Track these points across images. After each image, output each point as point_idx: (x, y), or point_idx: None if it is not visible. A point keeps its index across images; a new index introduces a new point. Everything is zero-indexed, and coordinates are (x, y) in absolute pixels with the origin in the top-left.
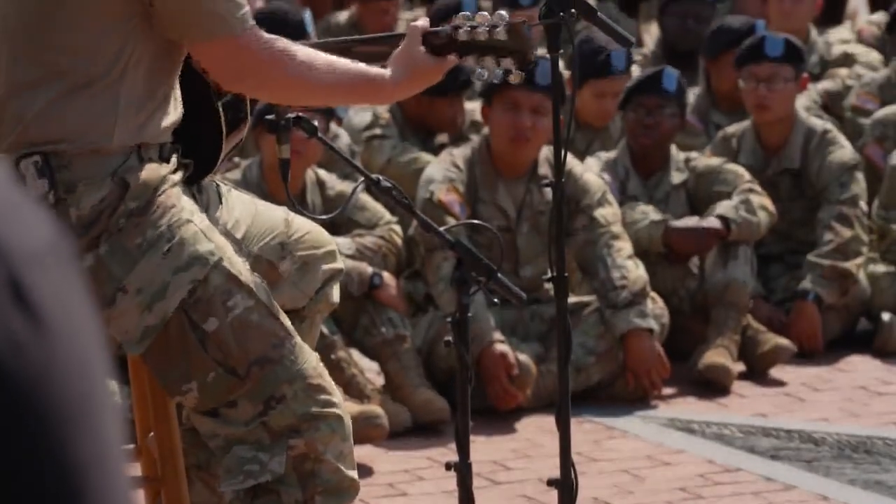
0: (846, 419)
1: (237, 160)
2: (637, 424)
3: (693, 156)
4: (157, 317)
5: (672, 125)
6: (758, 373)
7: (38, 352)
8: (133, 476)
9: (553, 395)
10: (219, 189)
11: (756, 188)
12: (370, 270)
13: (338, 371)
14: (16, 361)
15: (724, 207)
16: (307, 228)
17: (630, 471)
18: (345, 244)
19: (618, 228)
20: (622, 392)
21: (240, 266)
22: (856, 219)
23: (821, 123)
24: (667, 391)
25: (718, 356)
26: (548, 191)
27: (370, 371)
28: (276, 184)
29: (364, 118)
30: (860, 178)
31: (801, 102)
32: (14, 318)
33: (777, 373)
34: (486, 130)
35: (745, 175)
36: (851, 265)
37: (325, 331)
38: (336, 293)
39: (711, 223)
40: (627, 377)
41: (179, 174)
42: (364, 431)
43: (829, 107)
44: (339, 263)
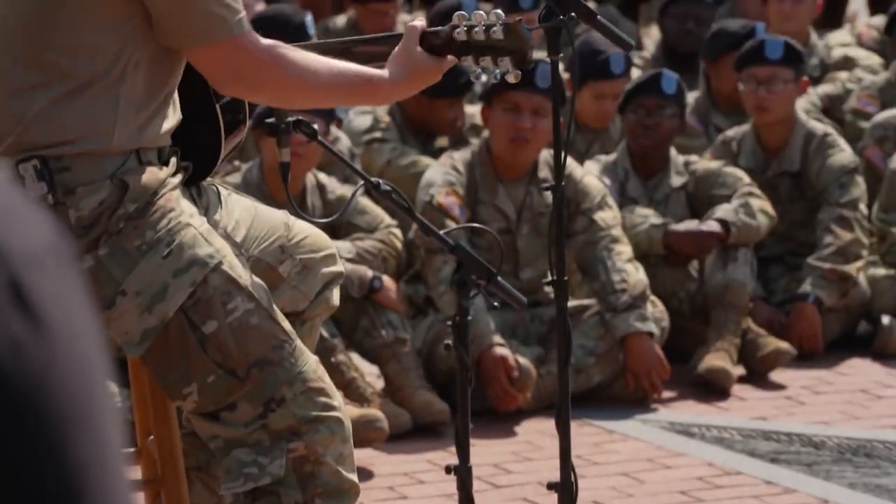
0: (846, 422)
1: (237, 163)
2: (637, 427)
3: (693, 159)
4: (157, 318)
5: (672, 126)
6: (758, 376)
7: (39, 353)
8: (133, 478)
9: (553, 398)
10: (218, 192)
11: (755, 191)
12: (370, 273)
13: (338, 374)
14: (16, 362)
15: (724, 211)
16: (307, 231)
17: (630, 474)
18: (345, 248)
19: (618, 232)
20: (622, 394)
21: (239, 269)
22: (856, 221)
23: (821, 126)
24: (667, 394)
25: (718, 359)
26: (548, 193)
27: (370, 374)
28: (277, 186)
29: (364, 121)
30: (860, 181)
31: (802, 105)
32: (14, 319)
33: (777, 376)
34: (486, 133)
35: (745, 178)
36: (851, 268)
37: (326, 334)
38: (336, 296)
39: (711, 227)
40: (627, 378)
41: (179, 177)
42: (364, 434)
43: (830, 110)
44: (339, 266)
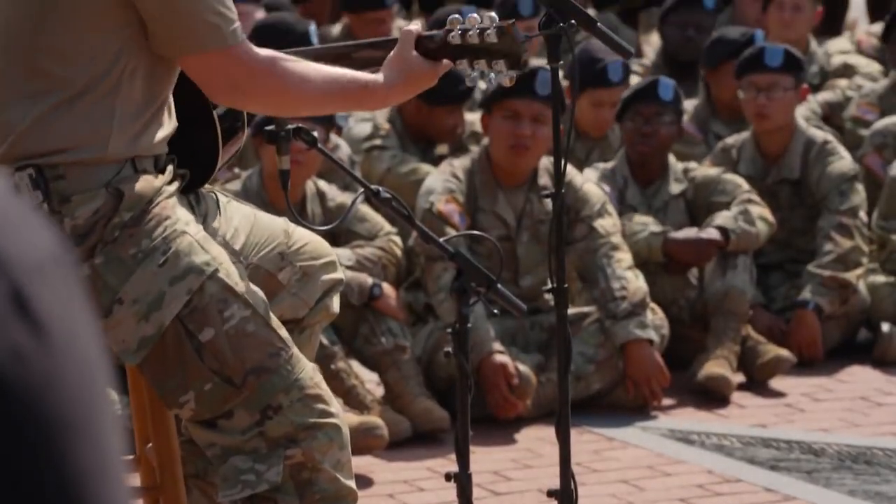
0: (846, 429)
1: (237, 171)
2: (637, 435)
3: (692, 166)
4: (154, 327)
5: (670, 133)
6: (757, 383)
7: (40, 362)
8: (132, 485)
9: (553, 405)
10: (217, 199)
11: (755, 198)
12: (370, 281)
13: (337, 381)
14: (17, 371)
15: (723, 218)
16: (307, 239)
17: (630, 481)
18: (345, 255)
19: (617, 239)
20: (622, 401)
21: (236, 276)
22: (856, 229)
23: (821, 134)
24: (667, 401)
25: (718, 366)
26: (547, 201)
27: (370, 382)
28: (277, 194)
29: (364, 129)
30: (860, 189)
31: (801, 113)
32: (16, 328)
33: (777, 383)
34: (486, 140)
35: (744, 185)
36: (851, 275)
37: (325, 341)
38: (336, 303)
39: (710, 234)
40: (627, 387)
41: (175, 185)
42: (364, 442)
43: (829, 117)
44: (339, 274)
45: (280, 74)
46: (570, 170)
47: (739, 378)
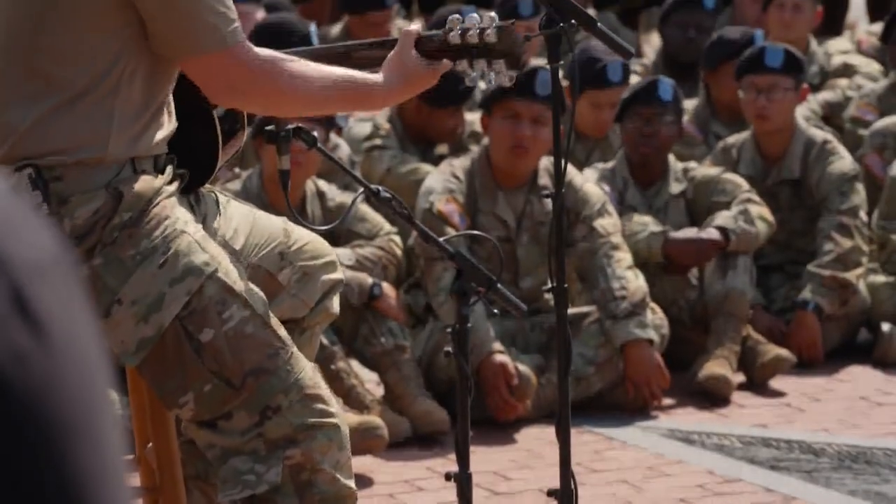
0: (846, 430)
1: (237, 171)
2: (637, 435)
3: (691, 166)
4: (153, 328)
5: (670, 133)
6: (758, 383)
7: (41, 362)
8: (132, 486)
9: (553, 406)
10: (217, 199)
11: (754, 198)
12: (370, 281)
13: (337, 382)
14: (18, 372)
15: (723, 218)
16: (307, 238)
17: (630, 481)
18: (345, 255)
19: (618, 239)
20: (622, 402)
21: (235, 276)
22: (856, 229)
23: (821, 134)
24: (667, 402)
25: (718, 367)
26: (548, 201)
27: (370, 382)
28: (277, 194)
29: (364, 129)
30: (860, 189)
31: (801, 113)
32: (17, 329)
33: (777, 383)
34: (486, 141)
35: (744, 185)
36: (851, 275)
37: (325, 341)
38: (336, 304)
39: (710, 234)
40: (627, 387)
41: (174, 185)
42: (363, 442)
43: (829, 117)
44: (339, 274)
45: (279, 75)
46: (570, 170)
47: (740, 378)
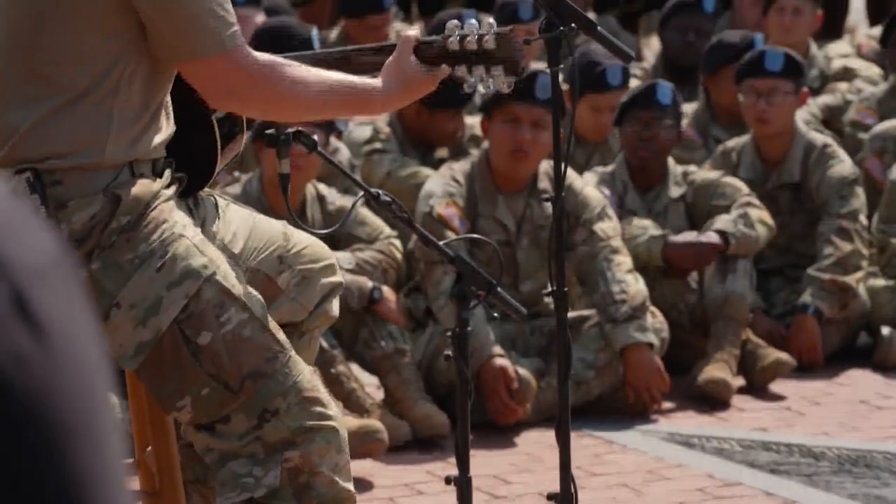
0: (846, 433)
1: (237, 174)
2: (637, 439)
3: (691, 169)
4: (152, 331)
5: (669, 137)
6: (757, 387)
7: (42, 365)
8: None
9: (553, 410)
10: (216, 203)
11: (754, 202)
12: (370, 285)
13: (337, 385)
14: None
15: (723, 222)
16: (306, 242)
17: (630, 485)
18: (345, 259)
19: (617, 242)
20: (622, 406)
21: (233, 280)
22: (856, 233)
23: (821, 137)
24: (667, 405)
25: (718, 370)
26: (548, 205)
27: (370, 385)
28: (277, 198)
29: (364, 132)
30: (860, 193)
31: (801, 116)
32: (18, 332)
33: (777, 387)
34: (486, 145)
35: (744, 188)
36: (851, 279)
37: (325, 345)
38: (335, 307)
39: (710, 238)
40: (627, 391)
41: (172, 189)
42: (363, 446)
43: (829, 121)
44: (339, 277)
45: (278, 79)
46: (570, 174)
47: (739, 382)
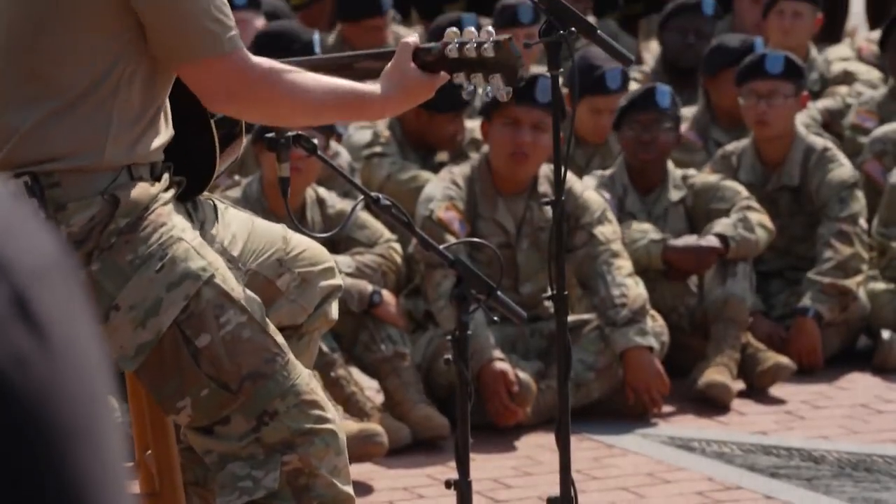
0: (846, 437)
1: (237, 177)
2: (637, 442)
3: (691, 173)
4: (151, 333)
5: (669, 140)
6: (758, 390)
7: (42, 366)
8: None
9: (553, 412)
10: (215, 206)
11: (754, 205)
12: (370, 288)
13: (337, 388)
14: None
15: (723, 225)
16: (305, 245)
17: (630, 488)
18: (345, 262)
19: (617, 246)
20: (622, 408)
21: (232, 282)
22: (855, 236)
23: (820, 141)
24: (666, 409)
25: (718, 374)
26: (548, 208)
27: (370, 389)
28: (277, 201)
29: (364, 136)
30: (860, 196)
31: (801, 120)
32: (19, 333)
33: (777, 390)
34: (486, 148)
35: (743, 192)
36: (851, 282)
37: (325, 348)
38: (334, 310)
39: (710, 242)
40: (627, 394)
41: (171, 192)
42: (363, 449)
43: (829, 124)
44: (338, 280)
45: (277, 84)
46: (570, 177)
47: (739, 385)
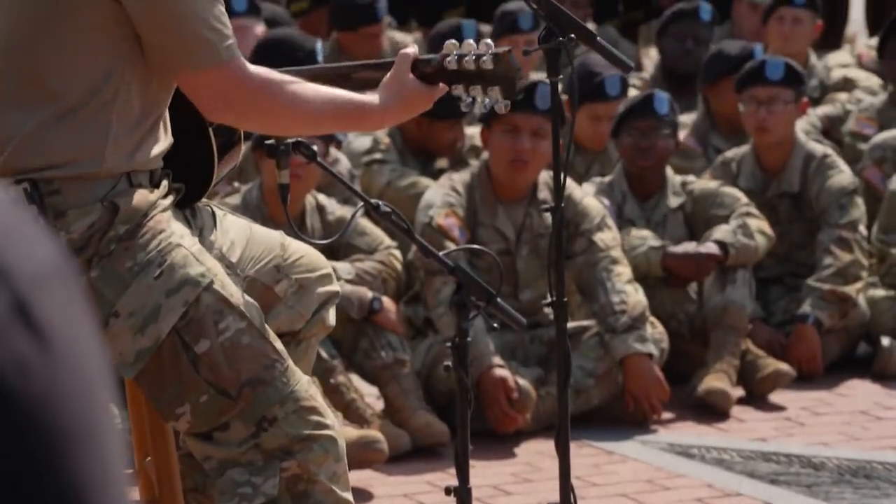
0: (846, 443)
1: (237, 184)
2: (636, 448)
3: (690, 179)
4: (151, 339)
5: (667, 146)
6: (757, 397)
7: (43, 372)
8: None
9: (553, 419)
10: (214, 213)
11: (753, 211)
12: (370, 295)
13: (337, 395)
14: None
15: (722, 232)
16: (303, 251)
17: (630, 495)
18: (344, 269)
19: (617, 253)
20: (622, 415)
21: (231, 288)
22: (855, 243)
23: (820, 147)
24: (666, 415)
25: (718, 381)
26: (547, 215)
27: (369, 396)
28: (276, 207)
29: (364, 142)
30: (860, 203)
31: (801, 126)
32: (20, 339)
33: (776, 397)
34: (486, 155)
35: (743, 198)
36: (851, 289)
37: (325, 355)
38: (332, 316)
39: (709, 248)
40: (627, 401)
41: (170, 199)
42: (363, 456)
43: (829, 131)
44: (335, 286)
45: (276, 93)
46: (570, 183)
47: (739, 392)
